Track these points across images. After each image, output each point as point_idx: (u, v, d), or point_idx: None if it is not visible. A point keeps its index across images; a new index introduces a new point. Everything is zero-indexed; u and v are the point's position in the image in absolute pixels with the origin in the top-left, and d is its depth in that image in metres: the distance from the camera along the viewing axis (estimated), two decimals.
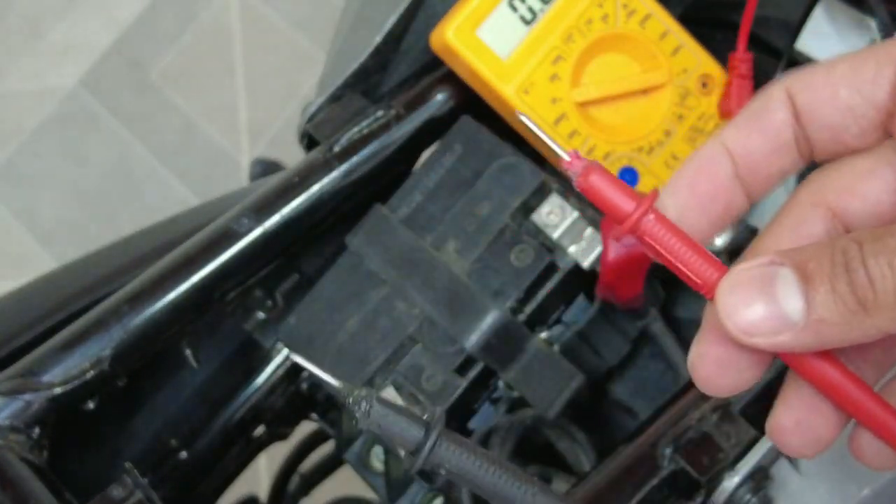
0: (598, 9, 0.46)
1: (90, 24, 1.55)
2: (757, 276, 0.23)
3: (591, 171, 0.25)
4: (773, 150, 0.26)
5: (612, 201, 0.25)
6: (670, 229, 0.24)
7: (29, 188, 1.45)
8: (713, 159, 0.26)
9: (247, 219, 0.46)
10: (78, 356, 0.44)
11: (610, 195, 0.25)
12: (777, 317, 0.23)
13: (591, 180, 0.25)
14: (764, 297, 0.23)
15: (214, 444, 0.52)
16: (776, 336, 0.23)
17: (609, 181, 0.25)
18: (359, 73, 0.50)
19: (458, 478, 0.23)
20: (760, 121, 0.26)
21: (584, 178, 0.25)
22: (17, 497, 0.40)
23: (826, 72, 0.25)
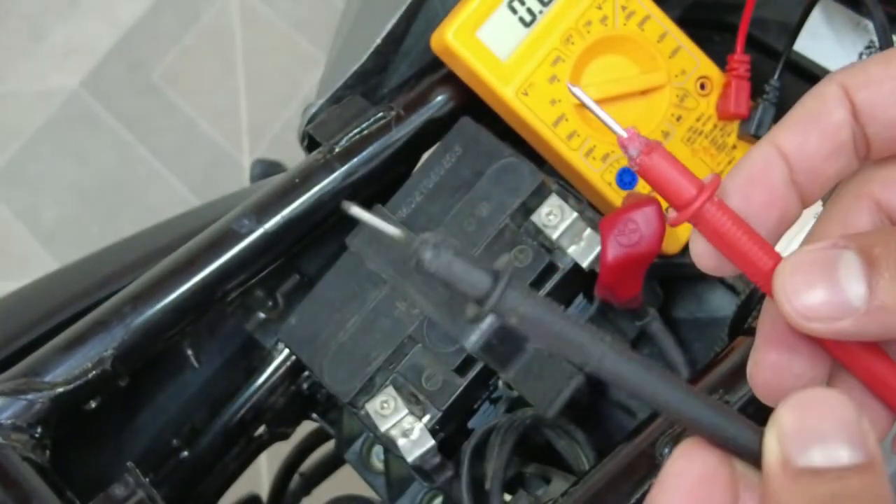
0: (597, 11, 0.46)
1: (92, 26, 1.56)
2: (819, 258, 0.22)
3: (653, 149, 0.23)
4: (830, 151, 0.24)
5: (673, 185, 0.23)
6: (731, 218, 0.23)
7: (30, 189, 1.45)
8: (767, 164, 0.24)
9: (248, 220, 0.47)
10: (80, 356, 0.44)
11: (671, 178, 0.23)
12: (838, 301, 0.21)
13: (653, 160, 0.23)
14: (826, 281, 0.22)
15: (216, 444, 0.52)
16: (836, 322, 0.22)
17: (671, 163, 0.23)
18: (359, 74, 0.50)
19: (527, 326, 0.22)
20: (817, 121, 0.24)
21: (646, 156, 0.23)
22: (19, 496, 0.40)
23: (884, 66, 0.24)
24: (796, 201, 0.25)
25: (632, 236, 0.42)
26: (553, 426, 0.45)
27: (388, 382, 0.44)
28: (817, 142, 0.24)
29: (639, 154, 0.23)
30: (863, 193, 0.25)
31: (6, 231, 1.43)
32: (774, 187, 0.24)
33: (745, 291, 0.45)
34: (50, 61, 1.53)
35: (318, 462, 0.73)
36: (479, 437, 0.44)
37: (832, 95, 0.24)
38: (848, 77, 0.24)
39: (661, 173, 0.23)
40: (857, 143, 0.24)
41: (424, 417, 0.43)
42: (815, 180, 0.24)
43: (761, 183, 0.24)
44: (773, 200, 0.24)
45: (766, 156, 0.24)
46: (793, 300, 0.22)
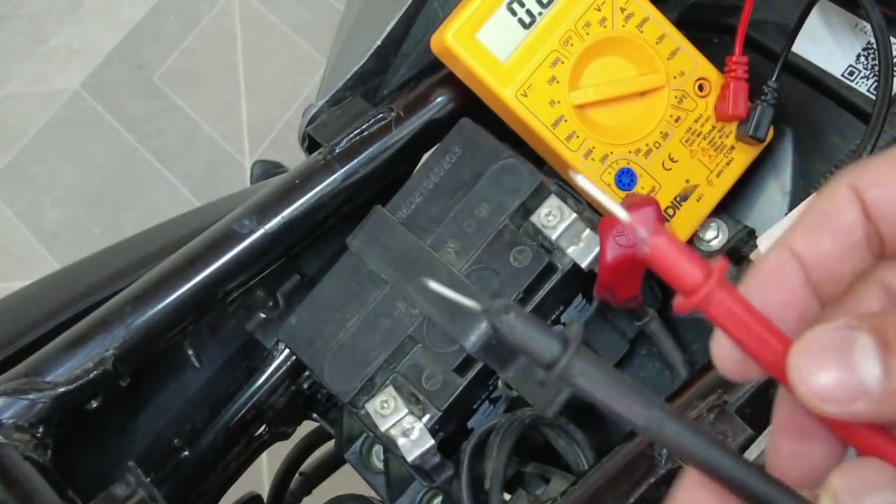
0: (596, 12, 0.46)
1: (93, 28, 1.56)
2: (833, 339, 0.22)
3: (658, 235, 0.22)
4: (844, 251, 0.24)
5: (681, 269, 0.22)
6: (739, 303, 0.23)
7: (32, 190, 1.46)
8: (782, 268, 0.24)
9: (248, 220, 0.47)
10: (81, 356, 0.45)
11: (678, 262, 0.22)
12: (853, 383, 0.21)
13: (659, 245, 0.22)
14: (840, 362, 0.22)
15: (217, 443, 0.53)
16: (851, 404, 0.21)
17: (678, 247, 0.22)
18: (359, 75, 0.50)
19: (591, 393, 0.22)
20: (829, 222, 0.24)
21: (650, 243, 0.22)
22: (21, 495, 0.40)
23: (893, 165, 0.24)
24: (814, 302, 0.24)
25: (631, 237, 0.42)
26: (552, 426, 0.46)
27: (388, 382, 0.44)
28: (830, 243, 0.24)
29: (647, 235, 0.22)
30: (873, 280, 0.25)
31: (8, 231, 1.43)
32: (791, 289, 0.24)
33: None
34: (52, 63, 1.54)
35: (319, 461, 0.73)
36: (479, 436, 0.45)
37: (842, 196, 0.24)
38: (857, 177, 0.24)
39: (667, 257, 0.23)
40: (870, 241, 0.24)
41: (424, 417, 0.43)
42: (831, 280, 0.24)
43: (778, 286, 0.24)
44: (791, 303, 0.24)
45: (781, 259, 0.24)
46: (807, 381, 0.22)
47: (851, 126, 0.48)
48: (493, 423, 0.45)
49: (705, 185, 0.47)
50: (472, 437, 0.45)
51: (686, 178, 0.47)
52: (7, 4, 1.58)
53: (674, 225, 0.47)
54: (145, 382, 0.52)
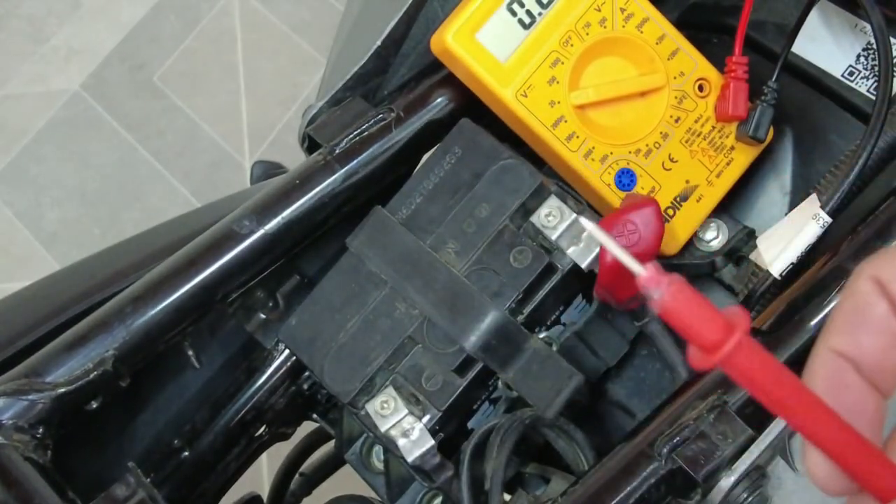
0: (595, 13, 0.46)
1: (93, 28, 1.56)
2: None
3: (679, 290, 0.21)
4: (886, 344, 0.24)
5: (702, 325, 0.21)
6: (763, 358, 0.22)
7: (32, 190, 1.46)
8: (835, 372, 0.24)
9: (248, 221, 0.47)
10: (81, 357, 0.45)
11: (700, 317, 0.21)
12: None
13: (676, 301, 0.21)
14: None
15: (216, 444, 0.53)
16: None
17: (698, 302, 0.21)
18: (359, 76, 0.50)
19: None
20: (863, 320, 0.24)
21: (671, 297, 0.21)
22: (21, 496, 0.41)
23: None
24: (875, 396, 0.25)
25: (630, 237, 0.42)
26: (552, 426, 0.46)
27: (388, 383, 0.44)
28: (870, 340, 0.24)
29: (662, 296, 0.21)
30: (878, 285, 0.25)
31: (8, 232, 1.43)
32: (853, 389, 0.24)
33: (744, 292, 0.45)
34: (52, 63, 1.54)
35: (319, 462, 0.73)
36: (479, 437, 0.45)
37: (867, 291, 0.25)
38: (878, 269, 0.24)
39: (687, 313, 0.21)
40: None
41: (424, 417, 0.43)
42: (883, 372, 0.25)
43: (838, 390, 0.24)
44: (855, 403, 0.24)
45: (830, 362, 0.25)
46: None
47: (851, 126, 0.48)
48: (493, 423, 0.45)
49: (705, 185, 0.47)
50: (472, 437, 0.45)
51: (686, 179, 0.47)
52: (6, 5, 1.58)
53: (674, 225, 0.47)
54: (145, 383, 0.52)
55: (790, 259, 0.43)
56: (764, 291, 0.44)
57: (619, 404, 0.50)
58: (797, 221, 0.44)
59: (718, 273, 0.48)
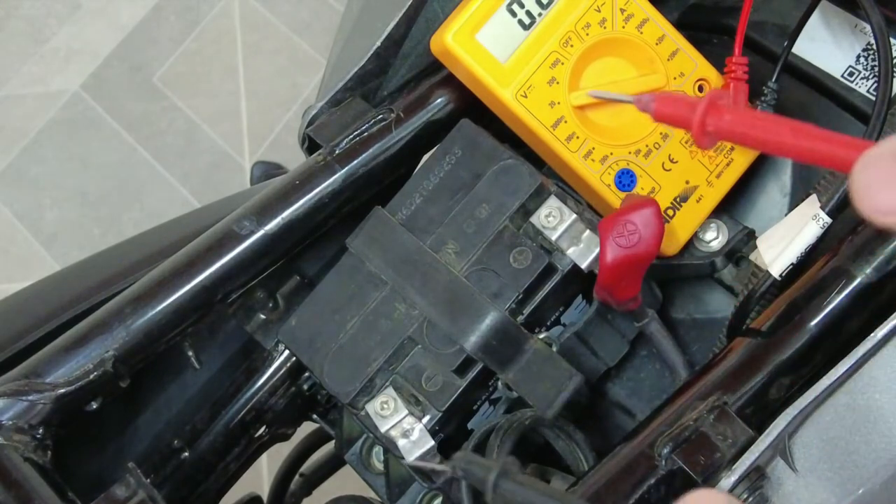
0: (595, 13, 0.46)
1: (93, 29, 1.56)
2: (886, 150, 0.22)
3: (661, 97, 0.28)
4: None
5: (684, 115, 0.28)
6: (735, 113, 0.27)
7: (32, 191, 1.46)
8: None
9: (248, 221, 0.47)
10: (81, 357, 0.45)
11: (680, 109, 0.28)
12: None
13: (663, 104, 0.28)
14: (890, 171, 0.22)
15: (216, 444, 0.53)
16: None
17: (675, 98, 0.28)
18: (359, 76, 0.50)
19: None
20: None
21: (657, 104, 0.29)
22: (21, 497, 0.41)
23: None
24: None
25: (630, 238, 0.42)
26: (552, 427, 0.46)
27: (388, 383, 0.44)
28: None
29: (652, 105, 0.28)
30: None
31: (8, 233, 1.43)
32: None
33: (744, 293, 0.45)
34: (52, 64, 1.54)
35: (319, 463, 0.73)
36: (479, 437, 0.45)
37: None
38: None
39: (672, 108, 0.28)
40: None
41: (424, 418, 0.43)
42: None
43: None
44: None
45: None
46: (866, 200, 0.22)
47: (851, 127, 0.48)
48: (493, 424, 0.45)
49: (705, 185, 0.47)
50: (472, 438, 0.45)
51: (686, 179, 0.47)
52: (6, 5, 1.58)
53: (674, 225, 0.47)
54: (145, 384, 0.52)
55: (790, 259, 0.43)
56: (764, 292, 0.44)
57: (619, 404, 0.50)
58: (797, 222, 0.44)
59: (718, 273, 0.48)
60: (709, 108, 0.28)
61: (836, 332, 0.40)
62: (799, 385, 0.40)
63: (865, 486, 0.39)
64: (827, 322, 0.40)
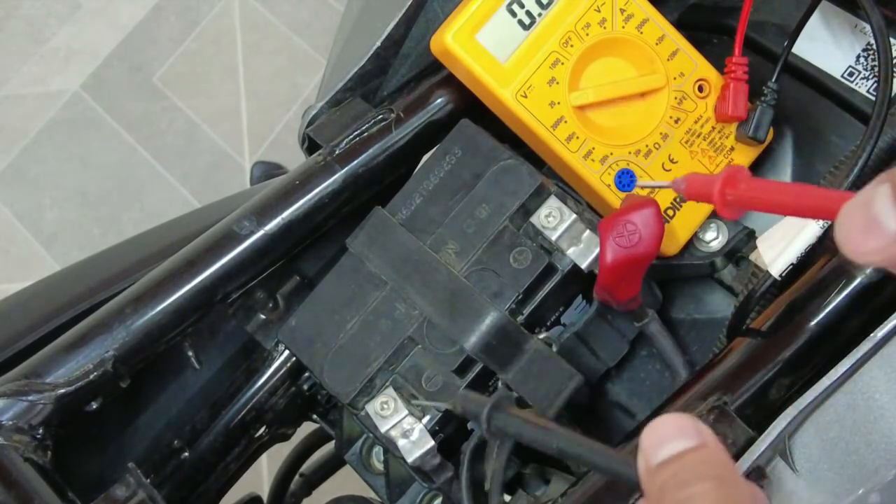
0: (595, 13, 0.46)
1: (93, 29, 1.56)
2: (860, 200, 0.24)
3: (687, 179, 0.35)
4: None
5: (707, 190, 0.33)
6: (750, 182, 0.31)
7: (32, 191, 1.46)
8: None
9: (248, 221, 0.47)
10: (81, 358, 0.45)
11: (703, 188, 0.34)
12: (878, 233, 0.24)
13: (689, 185, 0.34)
14: (864, 218, 0.24)
15: (216, 445, 0.53)
16: (886, 250, 0.24)
17: (700, 177, 0.34)
18: (359, 76, 0.50)
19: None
20: None
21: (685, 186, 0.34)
22: (21, 497, 0.41)
23: None
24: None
25: (631, 238, 0.42)
26: None
27: (388, 383, 0.44)
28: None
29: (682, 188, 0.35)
30: None
31: (8, 233, 1.43)
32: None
33: (744, 293, 0.45)
34: (52, 64, 1.54)
35: (319, 463, 0.73)
36: (479, 437, 0.45)
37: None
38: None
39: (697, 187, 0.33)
40: None
41: (424, 418, 0.43)
42: None
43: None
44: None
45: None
46: (846, 245, 0.25)
47: (851, 127, 0.48)
48: None
49: None
50: (472, 438, 0.45)
51: None
52: (6, 5, 1.58)
53: (674, 226, 0.47)
54: (145, 384, 0.52)
55: (790, 259, 0.43)
56: (764, 292, 0.44)
57: (619, 404, 0.50)
58: (797, 222, 0.44)
59: (718, 273, 0.48)
60: (726, 182, 0.32)
61: (836, 332, 0.40)
62: (799, 385, 0.40)
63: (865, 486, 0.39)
64: (827, 322, 0.40)
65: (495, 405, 0.31)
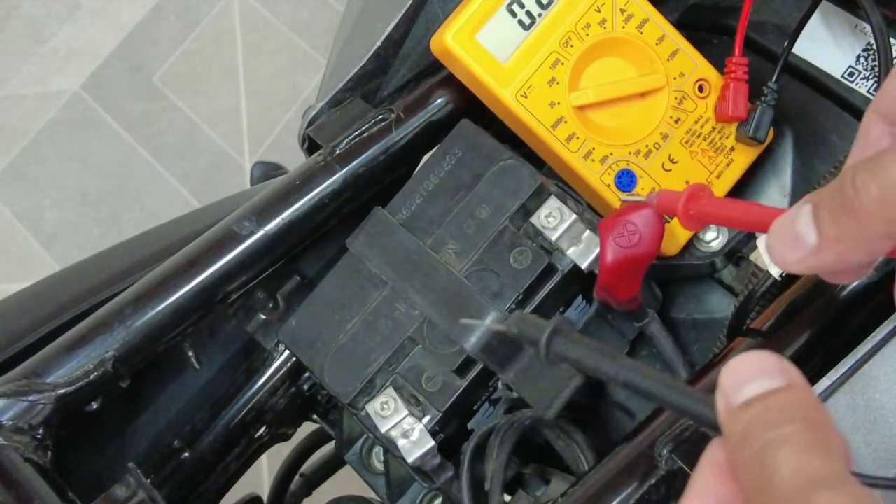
0: (595, 13, 0.46)
1: (93, 29, 1.56)
2: (787, 218, 0.28)
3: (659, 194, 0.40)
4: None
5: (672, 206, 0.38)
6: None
7: (32, 191, 1.46)
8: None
9: (248, 222, 0.47)
10: (82, 358, 0.45)
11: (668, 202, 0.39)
12: (800, 246, 0.28)
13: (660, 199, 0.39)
14: (789, 233, 0.28)
15: (217, 445, 0.53)
16: (805, 261, 0.28)
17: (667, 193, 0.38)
18: (359, 76, 0.50)
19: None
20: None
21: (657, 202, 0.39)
22: (21, 497, 0.41)
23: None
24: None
25: (631, 238, 0.42)
26: (552, 427, 0.46)
27: (388, 383, 0.44)
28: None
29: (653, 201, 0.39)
30: (877, 110, 0.30)
31: (8, 233, 1.43)
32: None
33: (744, 293, 0.45)
34: (52, 64, 1.54)
35: (319, 463, 0.73)
36: (479, 438, 0.45)
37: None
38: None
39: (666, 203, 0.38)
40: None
41: (424, 418, 0.43)
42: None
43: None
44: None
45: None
46: (773, 255, 0.29)
47: (851, 127, 0.48)
48: (493, 424, 0.45)
49: None
50: (472, 438, 0.45)
51: (686, 180, 0.47)
52: (6, 5, 1.58)
53: (674, 226, 0.47)
54: (145, 384, 0.52)
55: None
56: (764, 292, 0.44)
57: (619, 405, 0.50)
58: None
59: (718, 274, 0.48)
60: (689, 198, 0.37)
61: (837, 332, 0.40)
62: None
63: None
64: (827, 322, 0.40)
65: (556, 328, 0.29)
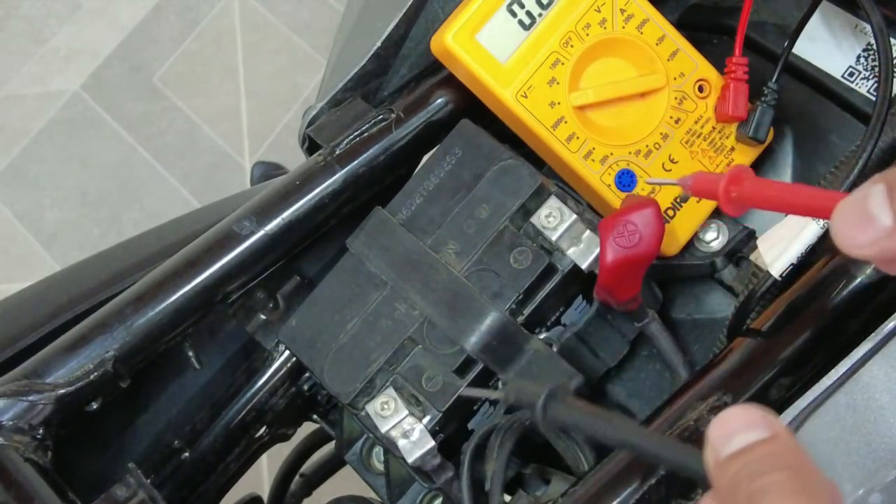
0: (596, 14, 0.46)
1: (93, 29, 1.56)
2: (857, 197, 0.26)
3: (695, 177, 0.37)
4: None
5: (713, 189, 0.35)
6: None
7: (32, 191, 1.46)
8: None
9: (248, 222, 0.47)
10: (82, 358, 0.45)
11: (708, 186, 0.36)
12: (872, 227, 0.26)
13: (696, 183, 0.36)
14: (859, 213, 0.26)
15: (217, 445, 0.53)
16: (878, 243, 0.26)
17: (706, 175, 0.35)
18: (359, 77, 0.50)
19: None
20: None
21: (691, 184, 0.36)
22: (21, 497, 0.41)
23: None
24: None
25: (631, 238, 0.42)
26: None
27: (389, 383, 0.44)
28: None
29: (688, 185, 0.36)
30: None
31: (8, 233, 1.43)
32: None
33: (744, 293, 0.45)
34: (52, 64, 1.54)
35: (319, 463, 0.73)
36: (479, 438, 0.45)
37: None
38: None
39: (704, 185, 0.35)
40: None
41: (424, 418, 0.43)
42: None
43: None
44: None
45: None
46: (840, 238, 0.27)
47: (851, 127, 0.48)
48: (493, 424, 0.45)
49: None
50: (472, 438, 0.45)
51: None
52: (6, 5, 1.58)
53: (674, 226, 0.47)
54: (145, 384, 0.52)
55: (790, 260, 0.43)
56: (764, 292, 0.44)
57: (619, 405, 0.50)
58: (797, 222, 0.44)
59: (719, 274, 0.48)
60: (731, 180, 0.34)
61: (837, 332, 0.40)
62: (799, 385, 0.40)
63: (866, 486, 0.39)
64: (827, 322, 0.40)
65: (551, 394, 0.30)
